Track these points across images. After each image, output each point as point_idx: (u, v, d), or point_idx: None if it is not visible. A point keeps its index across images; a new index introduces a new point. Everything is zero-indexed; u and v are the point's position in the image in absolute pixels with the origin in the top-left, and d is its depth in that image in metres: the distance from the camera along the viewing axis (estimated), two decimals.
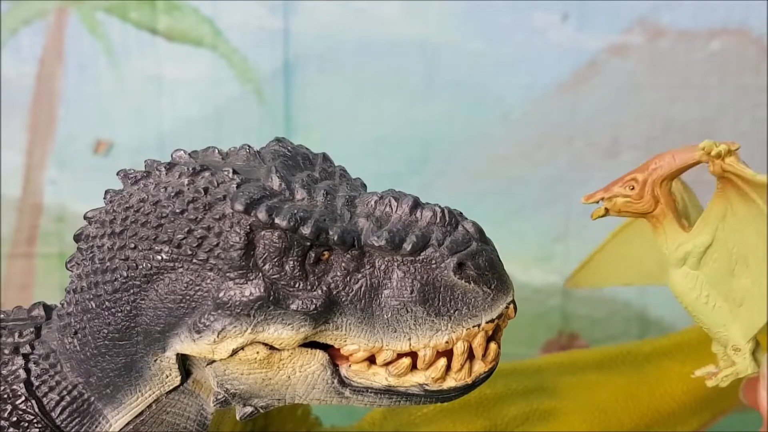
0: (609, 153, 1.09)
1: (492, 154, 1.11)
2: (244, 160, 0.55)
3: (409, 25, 1.08)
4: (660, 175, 0.60)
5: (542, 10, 1.06)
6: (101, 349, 0.54)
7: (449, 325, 0.50)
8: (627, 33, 1.06)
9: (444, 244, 0.50)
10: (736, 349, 0.63)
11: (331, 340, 0.51)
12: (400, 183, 0.60)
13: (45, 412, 0.56)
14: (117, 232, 0.53)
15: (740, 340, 0.62)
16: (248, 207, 0.50)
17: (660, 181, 0.61)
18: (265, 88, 1.11)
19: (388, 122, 1.11)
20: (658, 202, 0.61)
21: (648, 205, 0.61)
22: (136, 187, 0.54)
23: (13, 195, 1.15)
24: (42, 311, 0.61)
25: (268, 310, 0.50)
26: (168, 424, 0.56)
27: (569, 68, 1.08)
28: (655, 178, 0.61)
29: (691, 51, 1.06)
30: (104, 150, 1.14)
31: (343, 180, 0.55)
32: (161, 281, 0.52)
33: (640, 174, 0.61)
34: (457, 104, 1.10)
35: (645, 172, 0.61)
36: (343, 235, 0.50)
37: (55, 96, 1.13)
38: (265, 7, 1.09)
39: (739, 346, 0.63)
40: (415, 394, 0.53)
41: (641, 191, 0.61)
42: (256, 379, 0.52)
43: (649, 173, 0.61)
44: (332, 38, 1.09)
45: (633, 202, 0.61)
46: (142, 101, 1.12)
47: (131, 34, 1.10)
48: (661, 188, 0.61)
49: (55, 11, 1.11)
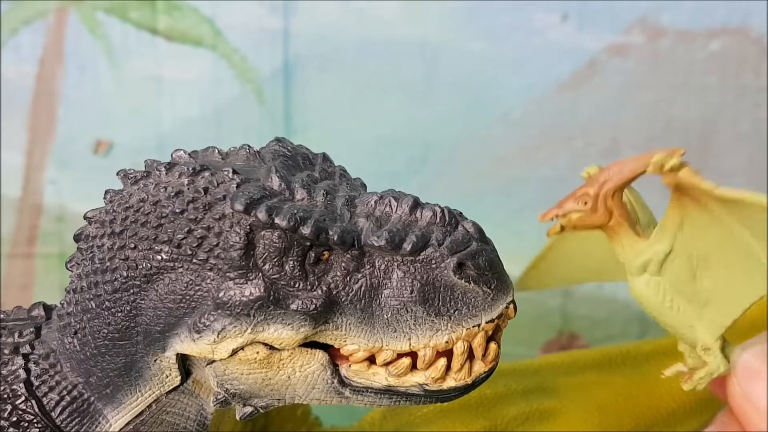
0: (609, 153, 1.09)
1: (492, 154, 1.11)
2: (244, 160, 0.55)
3: (409, 25, 1.08)
4: (610, 188, 0.61)
5: (542, 10, 1.06)
6: (101, 349, 0.54)
7: (449, 325, 0.50)
8: (627, 33, 1.06)
9: (444, 244, 0.50)
10: (705, 348, 0.64)
11: (331, 340, 0.51)
12: (400, 183, 0.60)
13: (45, 412, 0.56)
14: (117, 232, 0.53)
15: (708, 339, 0.63)
16: (248, 207, 0.50)
17: (611, 193, 0.61)
18: (265, 88, 1.11)
19: (388, 122, 1.11)
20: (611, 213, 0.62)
21: (603, 218, 0.62)
22: (136, 187, 0.54)
23: (13, 195, 1.15)
24: (42, 311, 0.61)
25: (268, 310, 0.50)
26: (168, 424, 0.56)
27: (569, 68, 1.08)
28: (606, 191, 0.61)
29: (691, 51, 1.06)
30: (104, 150, 1.14)
31: (343, 180, 0.55)
32: (161, 281, 0.52)
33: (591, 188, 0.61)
34: (457, 104, 1.10)
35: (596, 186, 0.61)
36: (343, 235, 0.50)
37: (55, 96, 1.13)
38: (265, 7, 1.09)
39: (708, 345, 0.64)
40: (415, 394, 0.53)
41: (594, 205, 0.61)
42: (256, 379, 0.52)
43: (600, 187, 0.61)
44: (332, 38, 1.09)
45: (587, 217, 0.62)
46: (142, 101, 1.12)
47: (131, 34, 1.10)
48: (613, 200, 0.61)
49: (55, 11, 1.11)
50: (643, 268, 0.63)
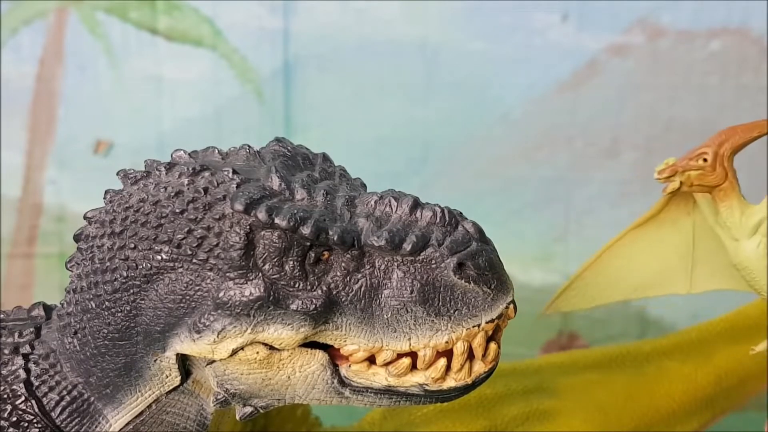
0: (609, 153, 1.09)
1: (492, 154, 1.12)
2: (244, 160, 0.55)
3: (409, 25, 1.08)
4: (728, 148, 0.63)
5: (542, 10, 1.06)
6: (101, 349, 0.54)
7: (449, 325, 0.50)
8: (627, 33, 1.06)
9: (444, 244, 0.50)
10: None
11: (331, 340, 0.51)
12: (400, 183, 0.60)
13: (45, 412, 0.55)
14: (117, 232, 0.53)
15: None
16: (248, 207, 0.50)
17: (729, 153, 0.64)
18: (265, 88, 1.11)
19: (388, 122, 1.11)
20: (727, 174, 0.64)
21: (720, 178, 0.64)
22: (136, 187, 0.54)
23: (13, 195, 1.15)
24: (42, 311, 0.61)
25: (268, 310, 0.50)
26: (168, 424, 0.56)
27: (569, 68, 1.08)
28: (724, 150, 0.63)
29: (691, 51, 1.06)
30: (104, 150, 1.14)
31: (343, 180, 0.55)
32: (161, 281, 0.52)
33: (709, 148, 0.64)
34: (457, 104, 1.10)
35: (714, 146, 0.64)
36: (343, 235, 0.50)
37: (55, 96, 1.13)
38: (265, 7, 1.09)
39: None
40: (415, 394, 0.53)
41: (713, 163, 0.64)
42: (256, 379, 0.52)
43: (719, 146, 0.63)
44: (332, 38, 1.09)
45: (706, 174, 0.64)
46: (142, 101, 1.12)
47: (131, 34, 1.10)
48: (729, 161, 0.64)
49: (55, 11, 1.11)
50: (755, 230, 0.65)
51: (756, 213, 0.65)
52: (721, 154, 0.64)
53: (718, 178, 0.65)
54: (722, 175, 0.64)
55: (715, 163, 0.64)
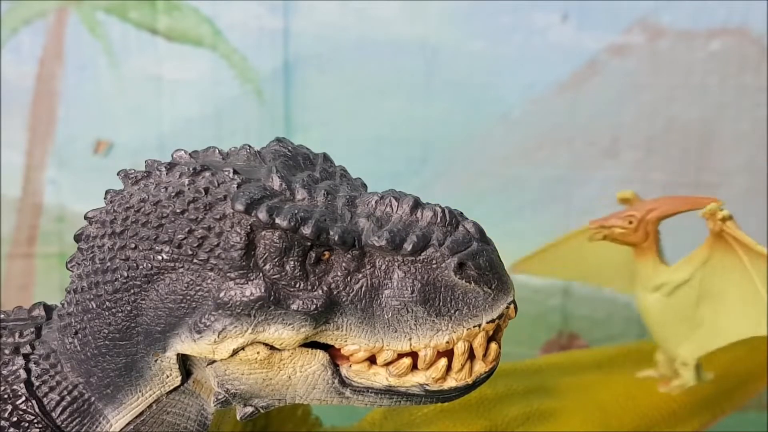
0: (609, 153, 1.09)
1: (492, 154, 1.12)
2: (245, 160, 0.55)
3: (409, 25, 1.08)
4: (655, 215, 0.74)
5: (542, 10, 1.07)
6: (102, 349, 0.54)
7: (450, 325, 0.50)
8: (627, 33, 1.06)
9: (444, 244, 0.50)
10: (684, 363, 0.76)
11: (331, 340, 0.51)
12: (400, 183, 0.60)
13: (45, 412, 0.55)
14: (117, 232, 0.53)
15: (689, 357, 0.76)
16: (249, 207, 0.50)
17: (655, 220, 0.74)
18: (265, 88, 1.11)
19: (388, 122, 1.11)
20: (648, 236, 0.74)
21: (640, 238, 0.74)
22: (136, 187, 0.54)
23: (13, 195, 1.15)
24: (42, 311, 0.61)
25: (269, 310, 0.50)
26: (168, 424, 0.56)
27: (569, 68, 1.08)
28: (650, 217, 0.74)
29: (691, 51, 1.06)
30: (104, 150, 1.14)
31: (343, 180, 0.55)
32: (162, 281, 0.52)
33: (638, 212, 0.74)
34: (457, 104, 1.10)
35: (642, 211, 0.74)
36: (344, 235, 0.50)
37: (55, 96, 1.13)
38: (265, 7, 1.09)
39: (687, 362, 0.76)
40: (415, 394, 0.53)
41: (637, 226, 0.74)
42: (257, 379, 0.52)
43: (647, 213, 0.74)
44: (332, 38, 1.09)
45: (628, 234, 0.74)
46: (142, 101, 1.12)
47: (131, 34, 1.10)
48: (653, 226, 0.74)
49: (55, 11, 1.11)
50: (657, 288, 0.75)
51: (663, 274, 0.75)
52: (646, 219, 0.74)
53: (639, 238, 0.74)
54: (643, 236, 0.74)
55: (639, 225, 0.74)
